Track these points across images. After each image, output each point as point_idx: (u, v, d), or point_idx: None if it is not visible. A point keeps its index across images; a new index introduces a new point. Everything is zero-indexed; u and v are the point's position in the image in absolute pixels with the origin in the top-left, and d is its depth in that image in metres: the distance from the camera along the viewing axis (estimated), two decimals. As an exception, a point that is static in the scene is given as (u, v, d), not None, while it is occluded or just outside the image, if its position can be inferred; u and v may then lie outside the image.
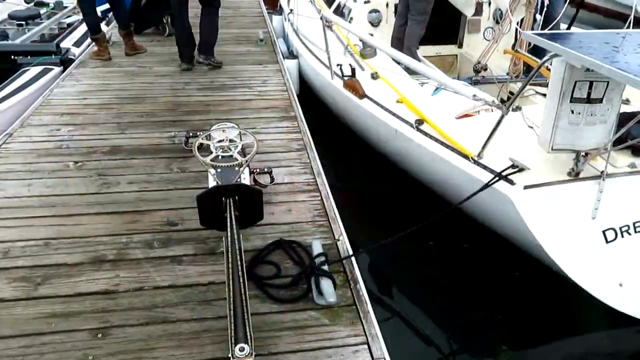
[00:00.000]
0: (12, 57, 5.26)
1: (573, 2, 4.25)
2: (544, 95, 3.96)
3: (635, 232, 2.58)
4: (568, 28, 4.56)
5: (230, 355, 1.50)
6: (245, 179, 2.59)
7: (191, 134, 3.25)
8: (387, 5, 5.25)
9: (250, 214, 2.30)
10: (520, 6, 4.20)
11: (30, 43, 5.97)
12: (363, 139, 4.18)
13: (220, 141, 2.69)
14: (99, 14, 5.83)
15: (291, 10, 6.25)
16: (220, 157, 2.57)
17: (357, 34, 4.10)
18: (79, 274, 2.26)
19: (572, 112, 2.50)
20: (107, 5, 6.09)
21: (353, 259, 2.30)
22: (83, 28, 6.48)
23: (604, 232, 2.57)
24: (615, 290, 2.50)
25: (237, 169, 2.45)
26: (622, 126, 2.60)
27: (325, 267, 2.15)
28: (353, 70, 4.09)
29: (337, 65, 4.24)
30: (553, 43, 2.22)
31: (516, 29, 4.30)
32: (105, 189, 2.97)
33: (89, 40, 6.17)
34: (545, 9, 4.26)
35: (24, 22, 6.54)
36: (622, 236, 2.57)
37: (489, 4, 5.14)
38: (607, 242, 2.56)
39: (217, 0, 5.11)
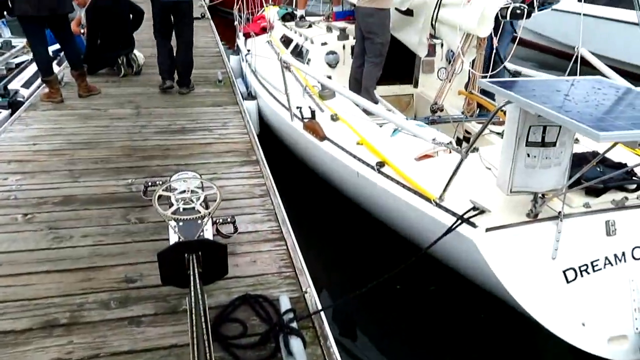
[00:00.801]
0: (-44, 100, 5.04)
1: (520, 43, 4.46)
2: (499, 134, 4.11)
3: (594, 271, 2.64)
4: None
5: None
6: (208, 230, 2.51)
7: (150, 183, 3.14)
8: (344, 47, 5.36)
9: (215, 270, 2.23)
10: (471, 48, 4.36)
11: (-24, 86, 5.72)
12: (325, 181, 4.17)
13: (181, 192, 2.61)
14: (50, 53, 5.67)
15: (249, 51, 6.29)
16: (181, 209, 2.49)
17: (315, 77, 4.15)
18: (27, 342, 2.10)
19: (528, 155, 2.57)
20: (58, 45, 5.94)
21: (322, 313, 2.25)
22: (33, 68, 6.28)
23: (564, 272, 2.62)
24: (578, 330, 2.54)
25: (199, 221, 2.38)
26: (574, 166, 2.71)
27: (294, 325, 2.09)
28: (313, 112, 4.11)
29: (297, 107, 4.25)
30: (509, 92, 2.29)
31: (469, 70, 4.46)
32: (56, 244, 2.82)
33: (39, 80, 5.98)
34: (494, 51, 4.45)
35: (-32, 64, 6.29)
36: (582, 276, 2.62)
37: (442, 45, 5.32)
38: (567, 282, 2.61)
39: (192, 37, 5.73)
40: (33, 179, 3.59)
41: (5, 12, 4.85)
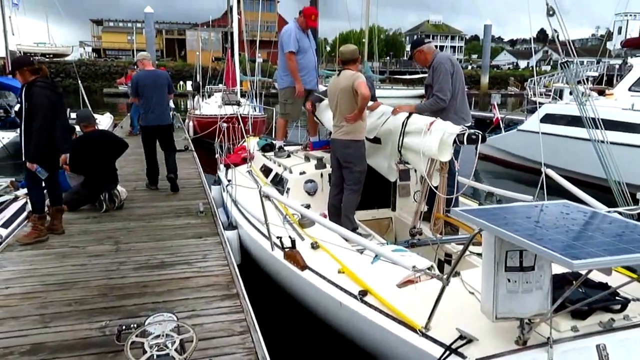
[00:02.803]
0: None
1: (491, 160, 4.69)
2: (479, 254, 4.13)
3: (595, 401, 2.51)
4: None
5: None
6: (183, 377, 2.37)
7: (124, 327, 2.99)
8: (321, 175, 5.55)
9: None
10: (435, 171, 4.55)
11: (-47, 228, 5.66)
12: (308, 312, 4.05)
13: (155, 337, 2.49)
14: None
15: (229, 181, 6.45)
16: (155, 356, 2.36)
17: (294, 207, 4.22)
18: None
19: (509, 280, 2.57)
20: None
21: None
22: (14, 207, 6.30)
23: (563, 404, 2.49)
24: None
25: (173, 370, 2.24)
26: (556, 288, 2.70)
27: None
28: (293, 241, 4.13)
29: (277, 237, 4.27)
30: (482, 221, 2.35)
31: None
32: (18, 402, 2.60)
33: (19, 220, 5.96)
34: (457, 173, 4.63)
35: (-51, 206, 6.27)
36: (583, 407, 2.49)
37: (415, 170, 5.55)
38: (569, 415, 2.46)
39: (174, 147, 7.56)
40: (1, 326, 3.41)
41: None
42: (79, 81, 17.73)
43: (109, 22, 69.85)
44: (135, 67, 11.14)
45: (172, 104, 15.78)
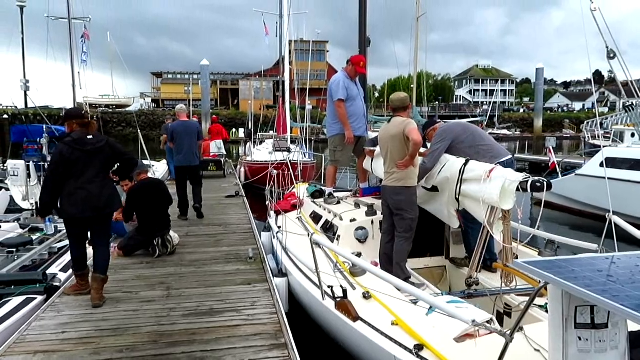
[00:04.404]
0: (-4, 287, 5.11)
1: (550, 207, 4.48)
2: (542, 307, 3.88)
3: None
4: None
5: None
6: None
7: (172, 378, 2.97)
8: (372, 222, 5.45)
9: None
10: (497, 220, 4.35)
11: (17, 272, 5.88)
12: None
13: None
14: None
15: (279, 227, 6.45)
16: (202, 411, 2.29)
17: (345, 255, 4.13)
18: None
19: (580, 338, 2.37)
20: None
21: None
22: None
23: None
24: None
25: None
26: (633, 348, 2.46)
27: None
28: (344, 291, 4.01)
29: (328, 286, 4.17)
30: (549, 274, 2.19)
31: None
32: None
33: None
34: (520, 222, 4.43)
35: (14, 250, 6.56)
36: None
37: (471, 216, 5.36)
38: None
39: (201, 182, 8.94)
40: (54, 372, 3.45)
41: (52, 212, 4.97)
42: (139, 130, 18.67)
43: (167, 75, 73.91)
44: (173, 117, 12.16)
45: (223, 151, 16.45)
